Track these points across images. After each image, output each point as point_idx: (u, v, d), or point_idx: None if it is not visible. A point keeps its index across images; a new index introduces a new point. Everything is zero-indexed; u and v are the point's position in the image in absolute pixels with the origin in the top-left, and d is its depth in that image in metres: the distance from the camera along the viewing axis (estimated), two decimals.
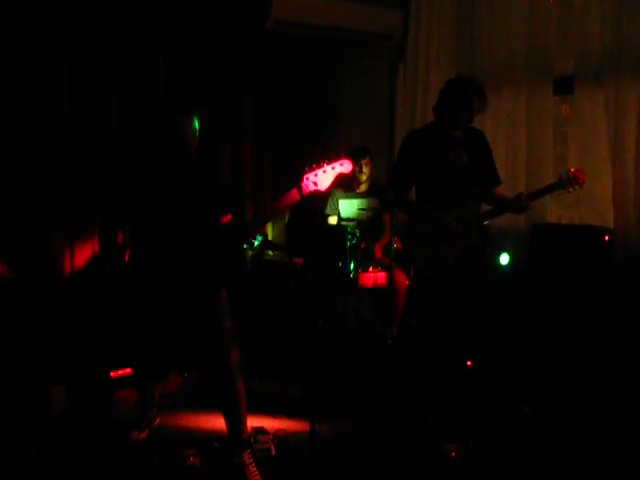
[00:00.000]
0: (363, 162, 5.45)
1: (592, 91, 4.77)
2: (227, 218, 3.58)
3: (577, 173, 4.06)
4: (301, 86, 6.05)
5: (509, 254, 4.95)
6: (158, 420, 3.95)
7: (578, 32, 4.82)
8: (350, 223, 5.29)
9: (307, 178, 3.30)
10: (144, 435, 3.82)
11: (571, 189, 4.08)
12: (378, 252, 5.35)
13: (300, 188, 3.29)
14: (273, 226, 6.07)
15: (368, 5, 5.63)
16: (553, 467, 3.64)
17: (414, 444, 3.88)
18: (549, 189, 4.15)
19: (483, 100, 4.09)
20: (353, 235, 4.90)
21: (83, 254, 5.11)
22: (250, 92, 5.94)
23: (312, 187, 3.30)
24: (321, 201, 5.58)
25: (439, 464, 3.68)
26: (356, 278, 4.99)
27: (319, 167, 3.31)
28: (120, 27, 5.18)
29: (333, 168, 3.32)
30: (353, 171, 5.47)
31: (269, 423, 4.02)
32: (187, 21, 5.39)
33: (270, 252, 5.63)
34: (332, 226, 5.35)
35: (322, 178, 3.30)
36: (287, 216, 5.89)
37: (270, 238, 5.91)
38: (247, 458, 3.41)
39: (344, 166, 3.34)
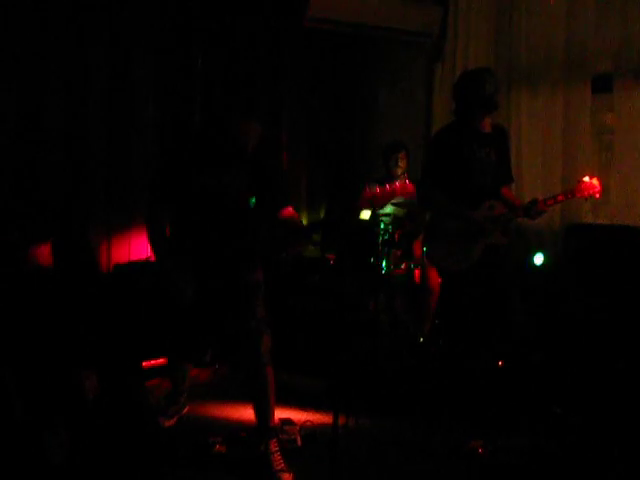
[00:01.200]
0: (399, 156, 5.46)
1: (631, 89, 4.69)
2: (288, 211, 3.56)
3: (592, 182, 4.00)
4: (338, 85, 6.08)
5: (544, 254, 4.92)
6: (187, 409, 4.00)
7: (617, 29, 4.75)
8: (385, 218, 5.29)
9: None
10: (172, 422, 3.88)
11: (588, 197, 4.03)
12: (417, 249, 5.26)
13: None
14: (309, 221, 6.12)
15: (405, 2, 5.62)
16: (582, 468, 3.59)
17: (441, 440, 3.87)
18: (564, 197, 4.09)
19: (495, 77, 4.06)
20: (385, 231, 4.90)
21: (120, 247, 5.21)
22: (286, 90, 5.98)
23: None
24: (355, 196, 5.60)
25: (466, 460, 3.65)
26: (389, 275, 4.99)
27: None
28: (160, 29, 5.29)
29: None
30: (388, 165, 5.49)
31: (297, 415, 4.04)
32: (224, 20, 5.46)
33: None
34: (364, 222, 5.34)
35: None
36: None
37: None
38: (273, 446, 3.44)
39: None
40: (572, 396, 4.22)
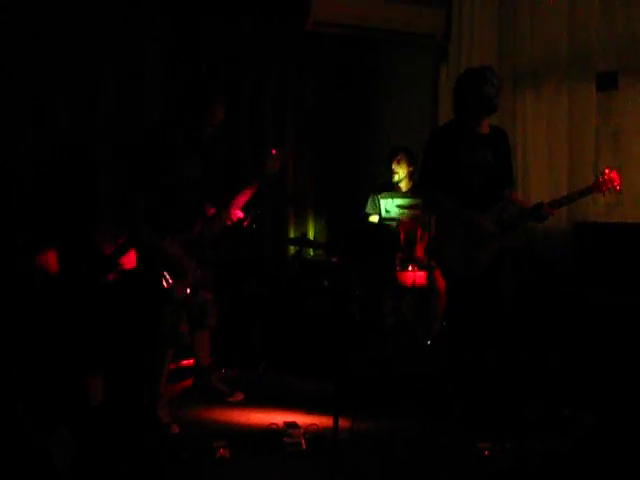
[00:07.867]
0: (394, 161, 5.44)
1: (637, 86, 4.64)
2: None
3: (612, 175, 3.94)
4: (342, 90, 6.07)
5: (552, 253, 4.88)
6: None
7: (621, 25, 4.70)
8: (392, 223, 5.27)
9: None
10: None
11: (607, 192, 3.97)
12: (419, 251, 5.26)
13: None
14: (315, 225, 6.12)
15: (409, 4, 5.59)
16: (588, 472, 3.53)
17: (448, 442, 3.82)
18: (579, 194, 4.05)
19: (498, 77, 4.03)
20: (390, 234, 4.89)
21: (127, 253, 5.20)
22: (292, 94, 5.99)
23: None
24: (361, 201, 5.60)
25: (470, 463, 3.61)
26: (394, 277, 4.97)
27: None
28: (167, 34, 5.33)
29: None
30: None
31: (302, 418, 4.01)
32: (227, 25, 5.46)
33: (311, 251, 5.67)
34: (373, 224, 5.30)
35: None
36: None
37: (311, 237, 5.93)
38: (214, 378, 4.44)
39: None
40: (583, 398, 4.17)
